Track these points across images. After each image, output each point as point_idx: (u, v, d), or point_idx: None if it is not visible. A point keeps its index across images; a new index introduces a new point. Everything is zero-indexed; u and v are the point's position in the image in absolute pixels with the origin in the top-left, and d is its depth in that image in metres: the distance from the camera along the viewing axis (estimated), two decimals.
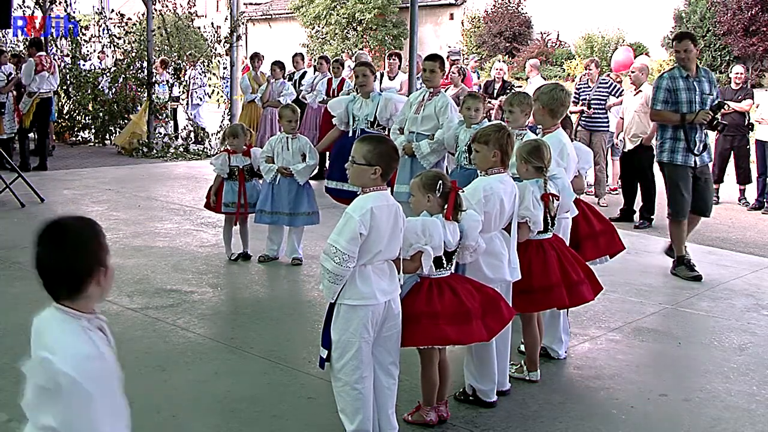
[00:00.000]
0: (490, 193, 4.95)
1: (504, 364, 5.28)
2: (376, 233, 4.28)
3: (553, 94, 6.06)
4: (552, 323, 5.98)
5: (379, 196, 4.36)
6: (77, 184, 13.16)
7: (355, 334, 4.36)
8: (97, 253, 2.76)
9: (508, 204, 5.05)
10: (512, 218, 5.15)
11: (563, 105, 6.10)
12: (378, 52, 30.59)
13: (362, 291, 4.33)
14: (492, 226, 4.99)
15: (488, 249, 4.97)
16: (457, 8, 33.79)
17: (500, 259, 5.05)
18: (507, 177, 5.11)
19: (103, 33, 19.68)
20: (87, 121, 18.91)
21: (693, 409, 5.28)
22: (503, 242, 5.10)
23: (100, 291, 2.77)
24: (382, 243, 4.31)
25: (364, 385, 4.41)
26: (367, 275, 4.34)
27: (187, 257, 8.67)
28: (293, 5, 36.69)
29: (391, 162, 4.47)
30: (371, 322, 4.37)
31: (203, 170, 13.85)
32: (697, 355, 6.32)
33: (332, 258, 4.23)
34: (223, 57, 18.31)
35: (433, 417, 4.83)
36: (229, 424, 4.84)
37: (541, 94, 6.10)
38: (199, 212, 10.09)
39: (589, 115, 13.04)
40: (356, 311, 4.35)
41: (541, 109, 6.07)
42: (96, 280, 2.74)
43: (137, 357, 5.82)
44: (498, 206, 4.98)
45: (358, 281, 4.33)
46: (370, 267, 4.35)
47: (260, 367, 5.71)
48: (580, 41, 28.65)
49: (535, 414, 5.11)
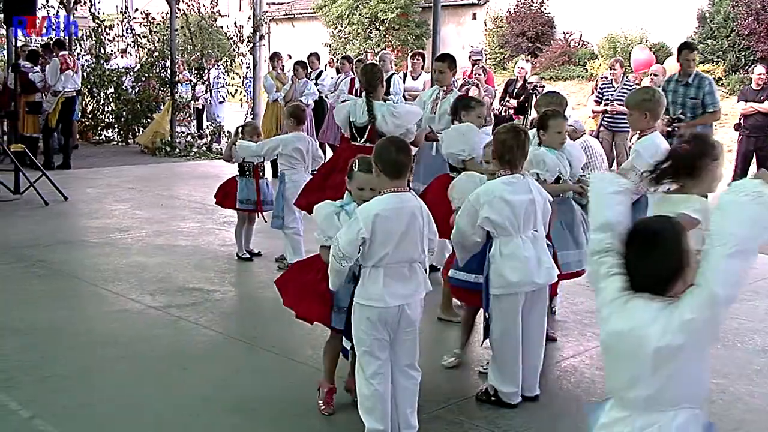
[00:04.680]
0: (491, 197, 4.92)
1: (533, 370, 5.23)
2: (383, 237, 4.26)
3: (657, 98, 5.94)
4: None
5: (389, 200, 4.32)
6: (100, 183, 13.23)
7: (366, 333, 4.39)
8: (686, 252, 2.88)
9: (523, 205, 4.96)
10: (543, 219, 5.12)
11: (663, 105, 6.07)
12: (400, 51, 30.53)
13: (370, 292, 4.35)
14: (510, 228, 4.95)
15: (509, 252, 4.95)
16: (480, 8, 33.66)
17: (524, 261, 4.97)
18: (517, 178, 5.00)
19: (127, 33, 19.77)
20: (110, 120, 19.01)
21: (716, 411, 5.24)
22: (532, 244, 5.02)
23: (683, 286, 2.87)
24: (388, 246, 4.28)
25: (379, 382, 4.42)
26: (377, 277, 4.34)
27: (209, 256, 8.70)
28: (316, 5, 36.68)
29: (388, 159, 4.34)
30: (381, 323, 4.37)
31: (226, 169, 13.85)
32: (719, 356, 6.27)
33: (333, 251, 4.30)
34: (246, 56, 18.34)
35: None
36: (251, 422, 4.86)
37: (644, 102, 5.88)
38: (221, 211, 10.11)
39: (612, 115, 12.98)
40: (364, 310, 4.38)
41: (645, 114, 5.86)
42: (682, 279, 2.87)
43: (159, 355, 5.85)
44: (507, 209, 4.92)
45: (368, 282, 4.36)
46: (381, 269, 4.33)
47: (282, 366, 5.72)
48: (603, 41, 28.46)
49: (558, 415, 5.10)
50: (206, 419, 4.87)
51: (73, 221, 10.45)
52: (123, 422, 4.79)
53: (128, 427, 4.75)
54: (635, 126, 6.07)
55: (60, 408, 4.93)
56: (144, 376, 5.49)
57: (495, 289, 5.02)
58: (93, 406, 4.98)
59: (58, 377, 5.35)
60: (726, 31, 24.58)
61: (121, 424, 4.78)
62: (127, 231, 9.72)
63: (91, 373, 5.48)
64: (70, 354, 5.82)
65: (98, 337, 6.17)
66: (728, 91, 23.06)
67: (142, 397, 5.12)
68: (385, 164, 4.35)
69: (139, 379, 5.41)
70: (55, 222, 10.22)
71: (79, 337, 6.19)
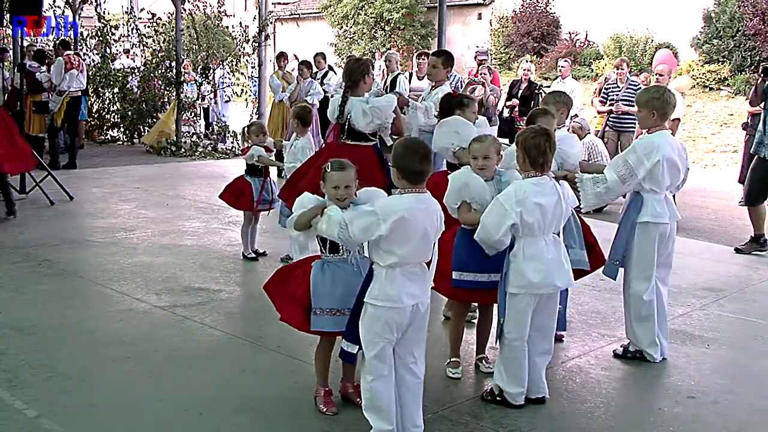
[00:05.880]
0: (523, 198, 4.91)
1: (538, 372, 5.21)
2: (401, 237, 4.26)
3: (666, 98, 5.91)
4: (642, 326, 5.97)
5: (411, 201, 4.33)
6: (106, 183, 13.25)
7: (380, 335, 4.37)
8: None
9: (550, 207, 4.97)
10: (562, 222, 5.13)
11: (671, 105, 6.05)
12: (406, 51, 30.53)
13: (389, 293, 4.33)
14: (536, 230, 4.94)
15: (533, 253, 4.96)
16: (485, 8, 33.67)
17: (547, 263, 4.97)
18: (545, 180, 5.01)
19: (133, 33, 19.80)
20: (116, 119, 19.03)
21: (721, 411, 5.24)
22: (554, 246, 5.03)
23: None
24: (405, 247, 4.28)
25: (384, 383, 4.43)
26: (395, 277, 4.33)
27: (214, 256, 8.70)
28: (321, 5, 36.72)
29: (413, 168, 4.35)
30: (396, 324, 4.36)
31: (231, 169, 13.90)
32: (726, 357, 6.27)
33: (336, 227, 4.33)
34: (252, 56, 18.35)
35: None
36: (256, 422, 4.85)
37: (653, 100, 5.88)
38: (226, 211, 10.12)
39: (618, 115, 12.96)
40: (381, 312, 4.35)
41: (653, 113, 5.87)
42: None
43: (165, 355, 5.86)
44: (537, 211, 4.91)
45: (386, 283, 4.34)
46: (399, 270, 4.33)
47: (287, 366, 5.72)
48: (609, 41, 28.48)
49: (563, 415, 5.09)
50: (210, 419, 4.87)
51: (79, 221, 10.46)
52: (127, 421, 4.79)
53: (133, 427, 4.75)
54: (643, 124, 6.05)
55: (65, 407, 4.93)
56: (149, 375, 5.49)
57: (513, 288, 5.01)
58: (98, 405, 4.98)
59: (63, 376, 5.36)
60: (732, 31, 24.56)
61: (126, 423, 4.78)
62: (133, 230, 9.73)
63: (96, 373, 5.48)
64: (75, 353, 5.82)
65: (103, 337, 6.18)
66: (734, 91, 23.06)
67: (146, 397, 5.13)
68: (408, 172, 4.36)
69: (143, 379, 5.41)
70: (60, 222, 10.23)
71: (85, 336, 6.20)
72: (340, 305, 4.73)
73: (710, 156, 19.19)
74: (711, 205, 13.34)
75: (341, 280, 4.77)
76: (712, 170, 18.10)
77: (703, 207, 13.07)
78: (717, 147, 19.68)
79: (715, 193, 14.64)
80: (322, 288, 4.77)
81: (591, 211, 6.63)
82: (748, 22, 23.81)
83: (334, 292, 4.75)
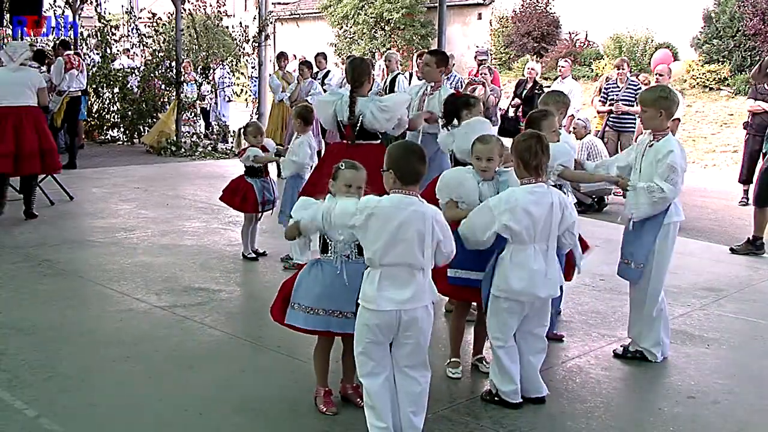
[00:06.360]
0: (514, 205, 4.89)
1: (535, 371, 5.22)
2: (373, 233, 4.29)
3: (672, 97, 5.86)
4: (651, 325, 5.97)
5: (392, 199, 4.34)
6: (106, 183, 13.25)
7: (362, 334, 4.41)
8: None
9: (542, 217, 4.94)
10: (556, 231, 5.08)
11: (678, 105, 6.03)
12: (406, 51, 30.52)
13: (367, 293, 4.36)
14: (525, 237, 4.92)
15: (519, 261, 4.95)
16: (485, 8, 33.65)
17: (532, 273, 4.95)
18: (540, 187, 4.98)
19: (133, 33, 19.80)
20: (116, 119, 19.03)
21: (721, 411, 5.24)
22: (542, 256, 5.00)
23: None
24: (378, 243, 4.27)
25: (375, 382, 4.44)
26: (374, 278, 4.34)
27: (214, 256, 8.70)
28: (321, 5, 36.70)
29: (407, 168, 4.35)
30: (377, 327, 4.35)
31: (231, 169, 13.89)
32: (726, 357, 6.27)
33: (322, 210, 4.53)
34: (252, 56, 18.35)
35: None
36: (256, 422, 4.85)
37: (660, 99, 5.82)
38: (226, 211, 10.11)
39: (618, 115, 12.97)
40: (362, 311, 4.40)
41: (660, 112, 5.80)
42: None
43: (164, 355, 5.85)
44: (527, 219, 4.89)
45: (366, 282, 4.39)
46: (379, 271, 4.32)
47: (287, 366, 5.71)
48: (609, 41, 28.47)
49: (563, 415, 5.09)
50: (210, 419, 4.87)
51: (79, 221, 10.46)
52: (127, 422, 4.79)
53: (133, 427, 4.74)
54: (648, 124, 5.91)
55: (65, 407, 4.93)
56: (149, 375, 5.49)
57: (496, 290, 5.03)
58: (98, 405, 4.98)
59: (63, 376, 5.36)
60: (732, 31, 24.55)
61: (126, 423, 4.78)
62: (133, 230, 9.73)
63: (96, 373, 5.48)
64: (75, 353, 5.82)
65: (103, 337, 6.17)
66: (734, 91, 23.05)
67: (146, 397, 5.12)
68: (403, 172, 4.35)
69: (143, 379, 5.41)
70: (60, 222, 10.23)
71: (85, 336, 6.20)
72: (315, 304, 4.77)
73: (710, 156, 19.19)
74: (711, 205, 13.34)
75: (321, 280, 4.79)
76: (712, 170, 18.11)
77: (703, 207, 13.06)
78: (717, 147, 19.68)
79: (715, 193, 14.64)
80: (304, 285, 4.83)
81: (590, 211, 6.62)
82: (748, 22, 23.80)
83: (312, 290, 4.79)
